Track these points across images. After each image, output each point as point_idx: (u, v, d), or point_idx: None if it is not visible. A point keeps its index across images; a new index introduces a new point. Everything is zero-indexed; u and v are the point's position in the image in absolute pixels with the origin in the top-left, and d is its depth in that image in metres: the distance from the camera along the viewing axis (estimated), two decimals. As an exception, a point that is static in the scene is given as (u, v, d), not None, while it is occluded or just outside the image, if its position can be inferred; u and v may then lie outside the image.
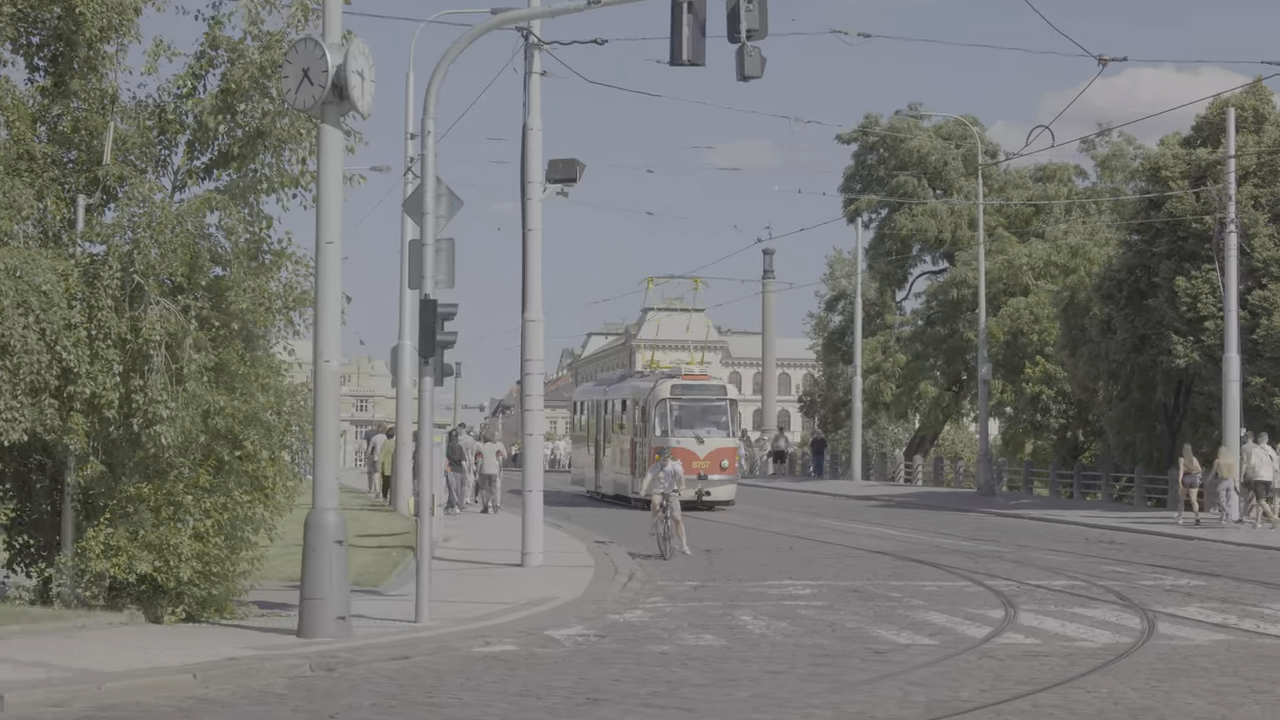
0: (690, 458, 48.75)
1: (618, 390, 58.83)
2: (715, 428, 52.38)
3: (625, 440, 55.20)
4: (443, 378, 23.27)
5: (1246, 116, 53.00)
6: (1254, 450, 45.27)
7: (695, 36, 22.97)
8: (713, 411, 52.79)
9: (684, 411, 52.13)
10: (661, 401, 51.98)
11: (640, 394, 53.91)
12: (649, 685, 17.30)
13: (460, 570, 29.24)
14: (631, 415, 54.55)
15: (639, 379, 57.27)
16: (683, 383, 53.37)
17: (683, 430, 51.42)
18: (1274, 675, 18.07)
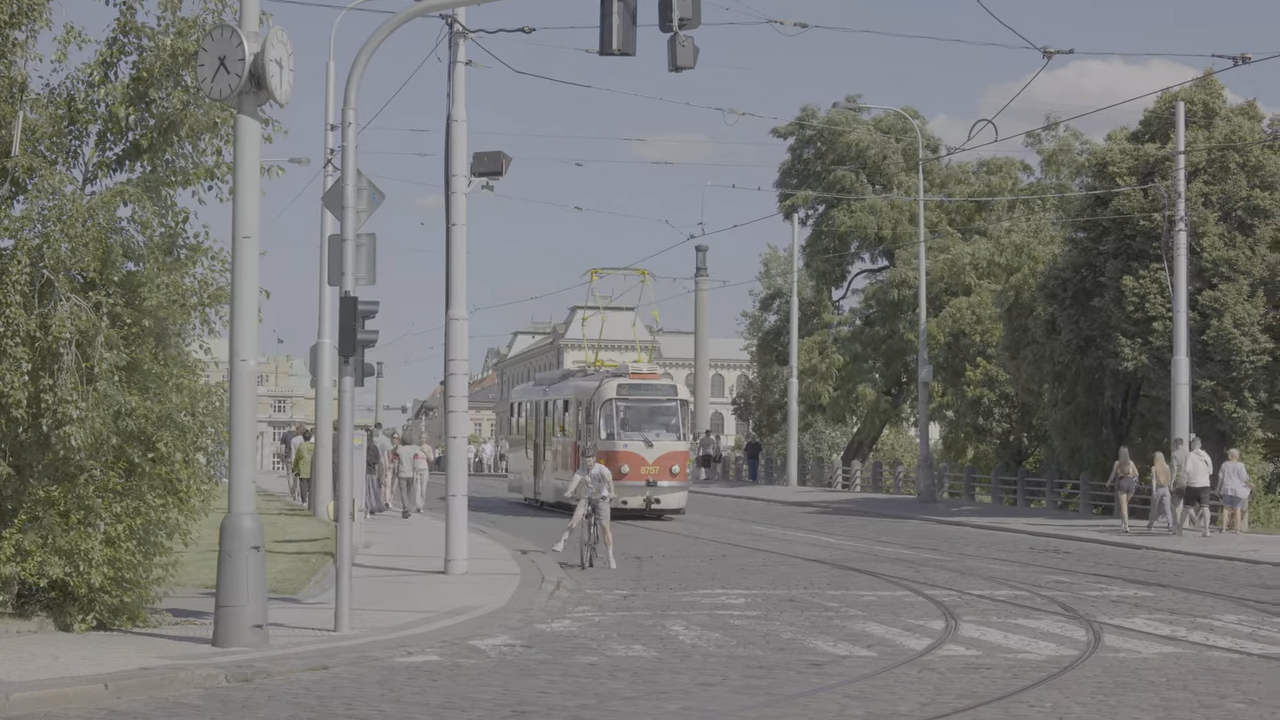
0: (638, 462, 47.98)
1: (559, 390, 55.27)
2: (665, 430, 49.69)
3: (568, 444, 51.90)
4: (364, 377, 22.73)
5: (1196, 111, 52.79)
6: (1189, 457, 44.95)
7: (626, 25, 22.50)
8: (662, 413, 49.98)
9: (631, 413, 49.40)
10: (607, 402, 49.09)
11: (584, 394, 50.84)
12: (577, 698, 16.87)
13: (382, 577, 28.75)
14: (575, 416, 51.42)
15: (582, 378, 54.07)
16: (630, 381, 50.09)
17: (630, 433, 49.02)
18: (1223, 689, 17.67)
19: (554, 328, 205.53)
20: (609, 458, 45.03)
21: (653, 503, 48.30)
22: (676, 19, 22.42)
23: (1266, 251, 50.87)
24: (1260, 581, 31.26)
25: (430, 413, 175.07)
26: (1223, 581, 31.22)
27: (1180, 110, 48.65)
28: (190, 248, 21.43)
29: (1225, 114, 54.09)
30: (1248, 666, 19.45)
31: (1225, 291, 50.25)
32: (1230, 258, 50.72)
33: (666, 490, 49.02)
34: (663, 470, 48.86)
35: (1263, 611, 25.57)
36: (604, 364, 55.77)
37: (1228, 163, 51.76)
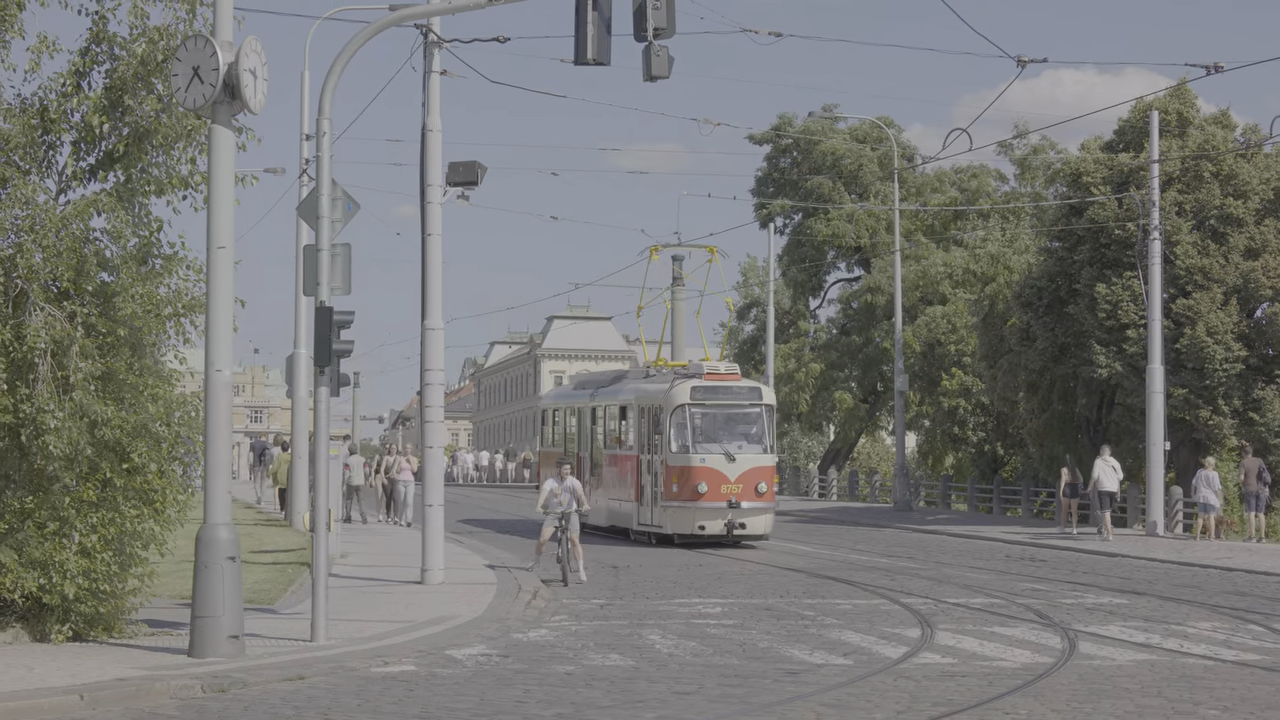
0: (718, 480, 41.01)
1: (613, 394, 47.12)
2: (748, 440, 42.13)
3: (627, 457, 44.64)
4: (340, 388, 22.61)
5: (1170, 120, 52.95)
6: (1096, 463, 46.31)
7: (601, 35, 22.50)
8: (745, 420, 42.49)
9: (708, 421, 42.10)
10: (679, 408, 41.77)
11: (649, 398, 43.38)
12: (553, 707, 16.83)
13: (358, 588, 28.69)
14: (637, 426, 43.94)
15: (643, 379, 46.25)
16: (706, 384, 42.48)
17: (708, 444, 41.66)
18: (1197, 696, 17.68)
19: (531, 337, 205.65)
20: (682, 475, 41.21)
21: (735, 527, 41.18)
22: (651, 29, 22.42)
23: (1240, 260, 51.01)
24: (1234, 588, 31.32)
25: (407, 423, 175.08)
26: (1197, 589, 31.27)
27: (1154, 119, 48.79)
28: (165, 258, 21.38)
29: (1199, 123, 54.26)
30: (1222, 673, 19.47)
31: (1199, 300, 50.37)
32: (1204, 266, 50.85)
33: (751, 512, 41.59)
34: (747, 489, 41.33)
35: (1236, 618, 25.62)
36: (666, 363, 49.04)
37: (1201, 172, 51.91)
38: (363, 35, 22.80)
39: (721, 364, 44.81)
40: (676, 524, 41.45)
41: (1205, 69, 35.90)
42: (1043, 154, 76.75)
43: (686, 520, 41.28)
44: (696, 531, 41.04)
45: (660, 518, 41.94)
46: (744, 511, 41.29)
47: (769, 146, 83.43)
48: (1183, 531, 48.07)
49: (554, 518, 31.10)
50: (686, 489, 41.03)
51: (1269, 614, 26.28)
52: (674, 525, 41.49)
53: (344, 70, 22.34)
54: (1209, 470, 44.78)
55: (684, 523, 41.34)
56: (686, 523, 41.29)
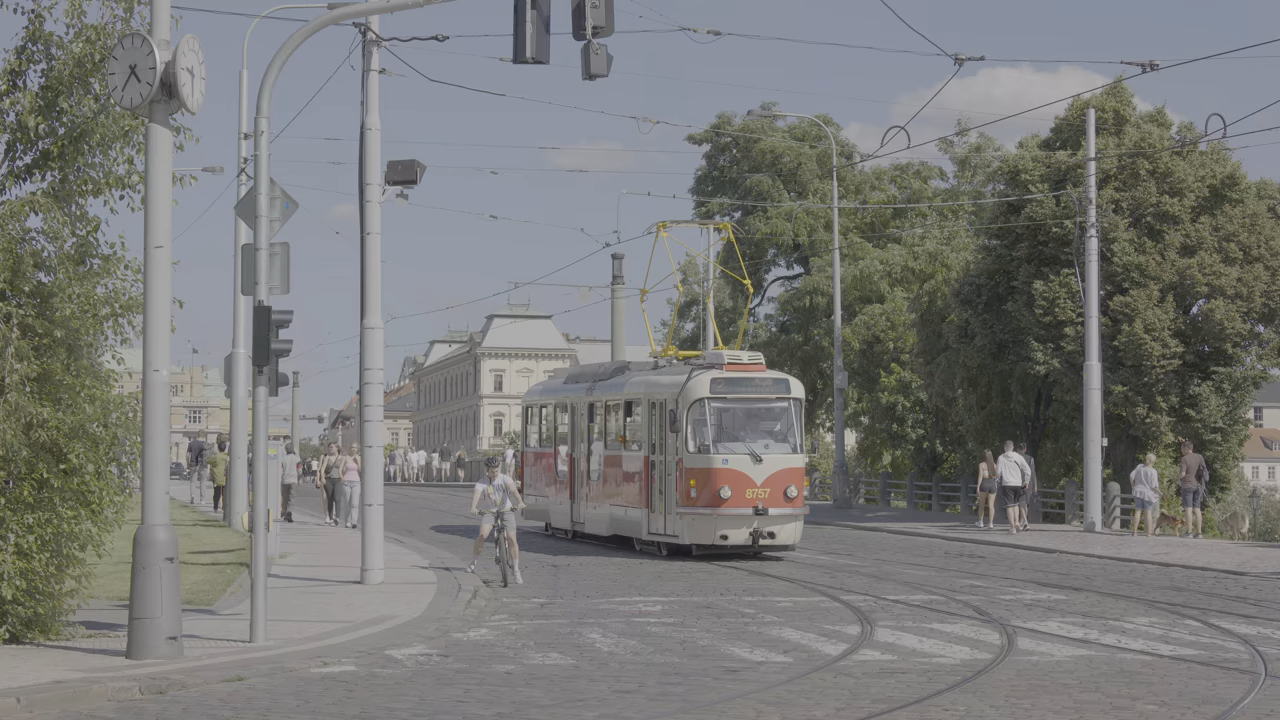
0: (743, 484, 36.33)
1: (616, 388, 41.91)
2: (775, 439, 37.52)
3: (634, 458, 39.73)
4: (278, 387, 22.53)
5: (1107, 118, 53.22)
6: (1001, 459, 47.54)
7: (539, 33, 22.47)
8: (772, 416, 37.87)
9: (731, 417, 37.44)
10: (698, 403, 36.92)
11: (662, 392, 38.45)
12: (494, 706, 16.79)
13: (298, 588, 28.59)
14: (647, 423, 38.98)
15: (652, 371, 41.49)
16: (728, 375, 37.59)
17: (730, 443, 36.92)
18: (1135, 691, 17.78)
19: (471, 336, 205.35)
20: (702, 477, 36.58)
21: (762, 536, 36.60)
22: (590, 27, 22.41)
23: (1176, 257, 51.30)
24: (1171, 584, 31.51)
25: (346, 422, 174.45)
26: (1135, 584, 31.45)
27: (1091, 117, 49.02)
28: (103, 258, 21.26)
29: (1135, 121, 54.57)
30: (1159, 668, 19.58)
31: (1136, 297, 50.66)
32: (1140, 263, 51.14)
33: (779, 519, 36.78)
34: (775, 493, 36.62)
35: (1174, 614, 25.77)
36: (676, 352, 44.17)
37: (1138, 169, 52.21)
38: (301, 34, 22.71)
39: (744, 353, 39.34)
40: (695, 533, 36.73)
41: (1141, 67, 36.08)
42: (981, 152, 77.08)
43: (706, 529, 36.54)
44: (718, 542, 36.52)
45: (675, 526, 37.12)
46: (772, 519, 36.50)
47: (708, 145, 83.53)
48: (1120, 528, 48.35)
49: (490, 516, 30.93)
50: (706, 494, 36.32)
51: (1206, 609, 26.44)
52: (692, 534, 36.78)
53: (282, 69, 22.27)
54: (1147, 466, 45.04)
55: (703, 532, 36.61)
56: (706, 532, 36.56)
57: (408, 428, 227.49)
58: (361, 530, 30.16)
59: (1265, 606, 27.07)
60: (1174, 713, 16.49)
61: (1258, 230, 51.96)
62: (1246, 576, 33.09)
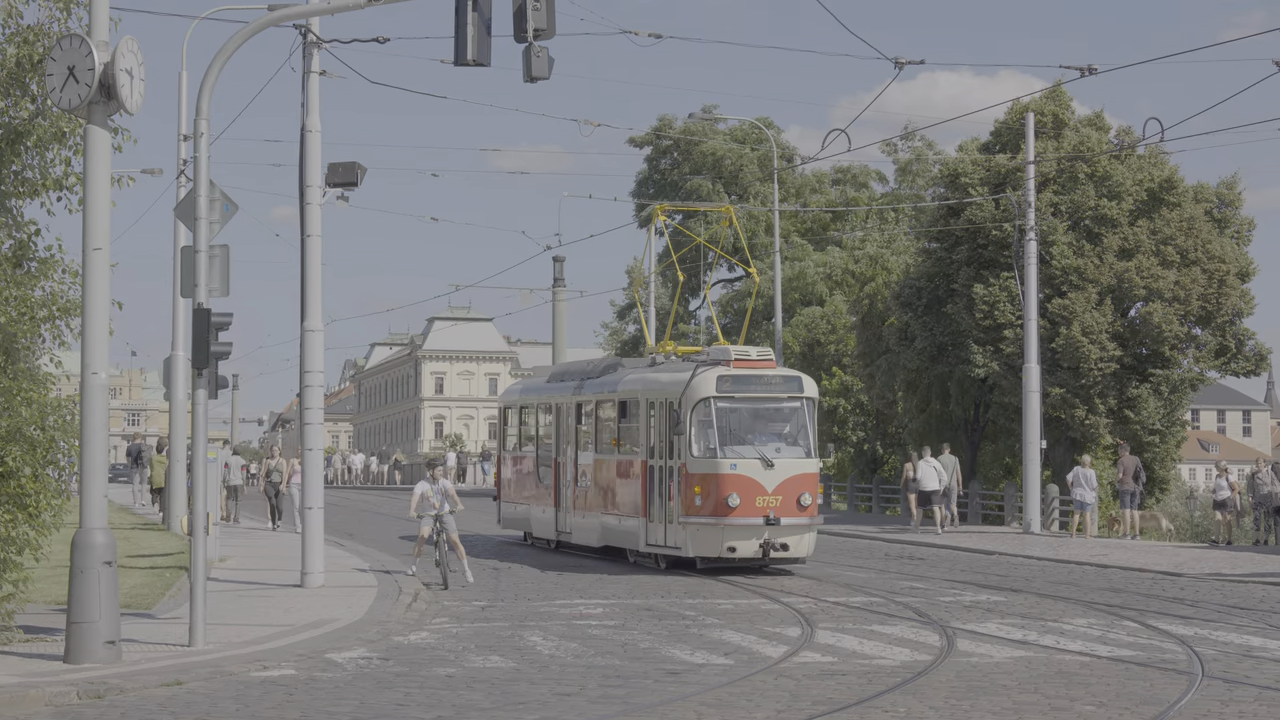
0: (753, 490, 33.18)
1: (609, 386, 38.29)
2: (787, 442, 34.23)
3: (630, 462, 36.34)
4: (218, 390, 22.45)
5: (1046, 122, 53.51)
6: (919, 464, 48.09)
7: (480, 36, 22.41)
8: (783, 417, 34.60)
9: (739, 418, 34.06)
10: (703, 402, 33.57)
11: (662, 391, 35.05)
12: (434, 710, 16.76)
13: (237, 591, 28.48)
14: (645, 424, 35.62)
15: (649, 369, 37.59)
16: (735, 372, 34.21)
17: (739, 447, 33.66)
18: (1073, 692, 17.86)
19: (412, 339, 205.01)
20: (707, 484, 33.37)
21: (773, 548, 33.41)
22: (531, 30, 22.38)
23: (1114, 260, 51.61)
24: (1109, 585, 31.66)
25: (286, 425, 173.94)
26: (1073, 586, 31.59)
27: (1030, 121, 49.26)
28: (41, 260, 21.17)
29: (1074, 125, 54.91)
30: (1097, 669, 19.67)
31: (1074, 300, 50.93)
32: (1079, 266, 51.42)
33: (792, 530, 33.59)
34: (787, 501, 33.34)
35: (1112, 615, 25.89)
36: (675, 348, 39.60)
37: (1076, 173, 52.53)
38: (241, 35, 22.63)
39: (752, 348, 36.04)
40: (700, 544, 33.54)
41: (1079, 71, 36.20)
42: (921, 159, 77.38)
43: (712, 540, 33.38)
44: (725, 554, 33.48)
45: (677, 537, 33.88)
46: (784, 529, 33.30)
47: (649, 148, 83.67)
48: (1059, 529, 48.61)
49: (430, 519, 30.83)
50: (713, 501, 33.08)
51: (1143, 610, 26.58)
52: (696, 546, 33.59)
53: (222, 70, 22.17)
54: (1084, 468, 45.27)
55: (709, 543, 33.45)
56: (712, 543, 33.41)
57: (348, 430, 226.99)
58: (302, 533, 30.05)
59: (1202, 607, 27.23)
60: (1112, 713, 16.56)
61: (1195, 234, 52.29)
62: (1184, 578, 33.28)
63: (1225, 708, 16.88)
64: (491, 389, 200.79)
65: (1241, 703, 17.22)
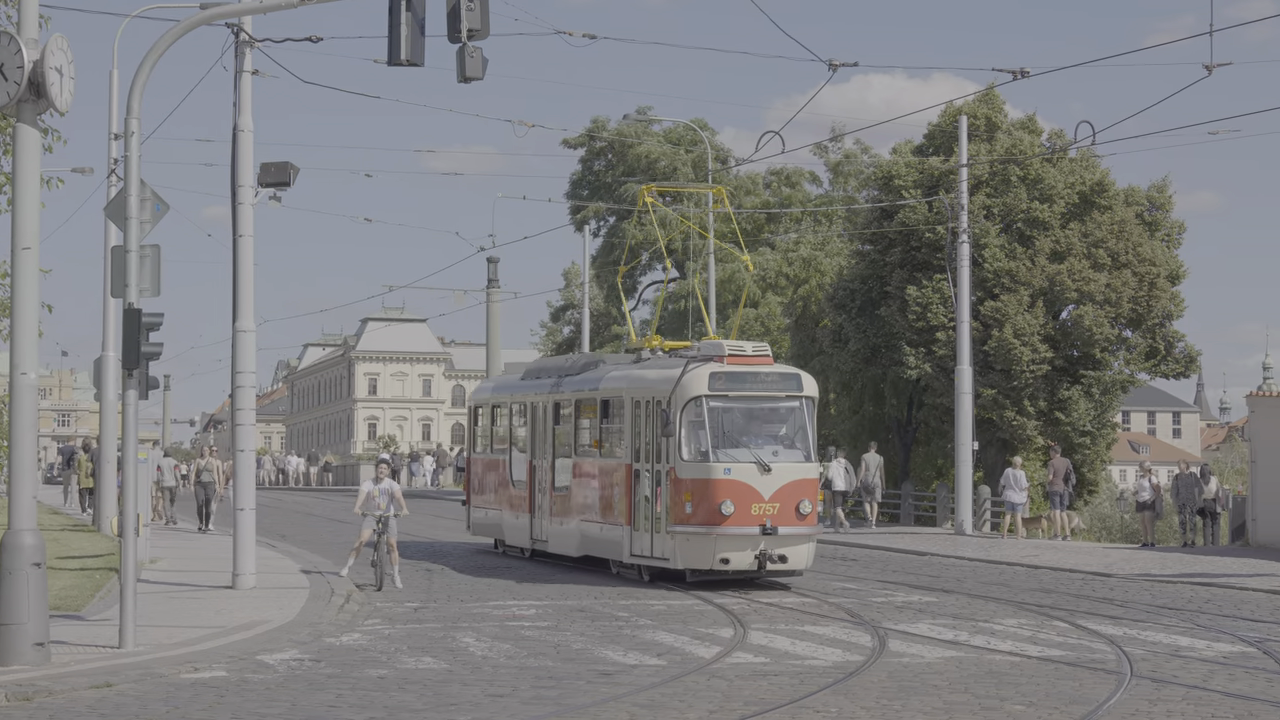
0: (749, 497, 30.50)
1: (590, 384, 35.35)
2: (785, 445, 31.67)
3: (613, 466, 33.39)
4: (148, 390, 22.32)
5: (979, 125, 53.75)
6: (830, 465, 48.45)
7: (414, 35, 22.38)
8: (780, 417, 32.00)
9: (733, 418, 31.46)
10: (694, 401, 30.91)
11: (649, 389, 32.27)
12: (366, 711, 16.72)
13: (168, 593, 28.34)
14: (630, 425, 32.71)
15: (633, 365, 34.90)
16: (729, 369, 31.44)
17: (733, 450, 30.96)
18: (1003, 692, 17.94)
19: (345, 340, 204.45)
20: (699, 490, 30.64)
21: (770, 560, 30.62)
22: (465, 30, 22.36)
23: (1046, 263, 51.91)
24: (1040, 585, 31.81)
25: (218, 426, 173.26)
26: (1004, 586, 31.73)
27: (963, 124, 49.44)
28: (-31, 261, 21.07)
29: (1006, 128, 55.19)
30: (1027, 669, 19.77)
31: (1006, 302, 51.20)
32: (1011, 269, 51.70)
33: (791, 540, 30.86)
34: (785, 509, 30.71)
35: (1042, 615, 26.03)
36: (661, 343, 36.18)
37: (1009, 176, 52.80)
38: (172, 34, 22.53)
39: (747, 343, 32.87)
40: (689, 556, 30.77)
41: (1012, 74, 36.34)
42: (854, 159, 77.59)
43: (704, 551, 30.62)
44: (717, 566, 30.70)
45: (665, 547, 31.15)
46: (782, 539, 30.63)
47: (583, 150, 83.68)
48: (990, 530, 48.83)
49: (372, 519, 30.69)
50: (705, 509, 30.39)
51: (1073, 610, 26.73)
52: (686, 557, 30.81)
53: (153, 69, 22.07)
54: (1015, 469, 45.50)
55: (700, 554, 30.68)
56: (703, 554, 30.65)
57: (280, 432, 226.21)
58: (233, 535, 29.93)
59: (1131, 608, 27.40)
60: (1041, 713, 16.65)
61: (1126, 237, 52.64)
62: (1113, 578, 33.47)
63: (1153, 707, 16.99)
64: (425, 390, 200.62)
65: (1169, 702, 17.34)
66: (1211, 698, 17.64)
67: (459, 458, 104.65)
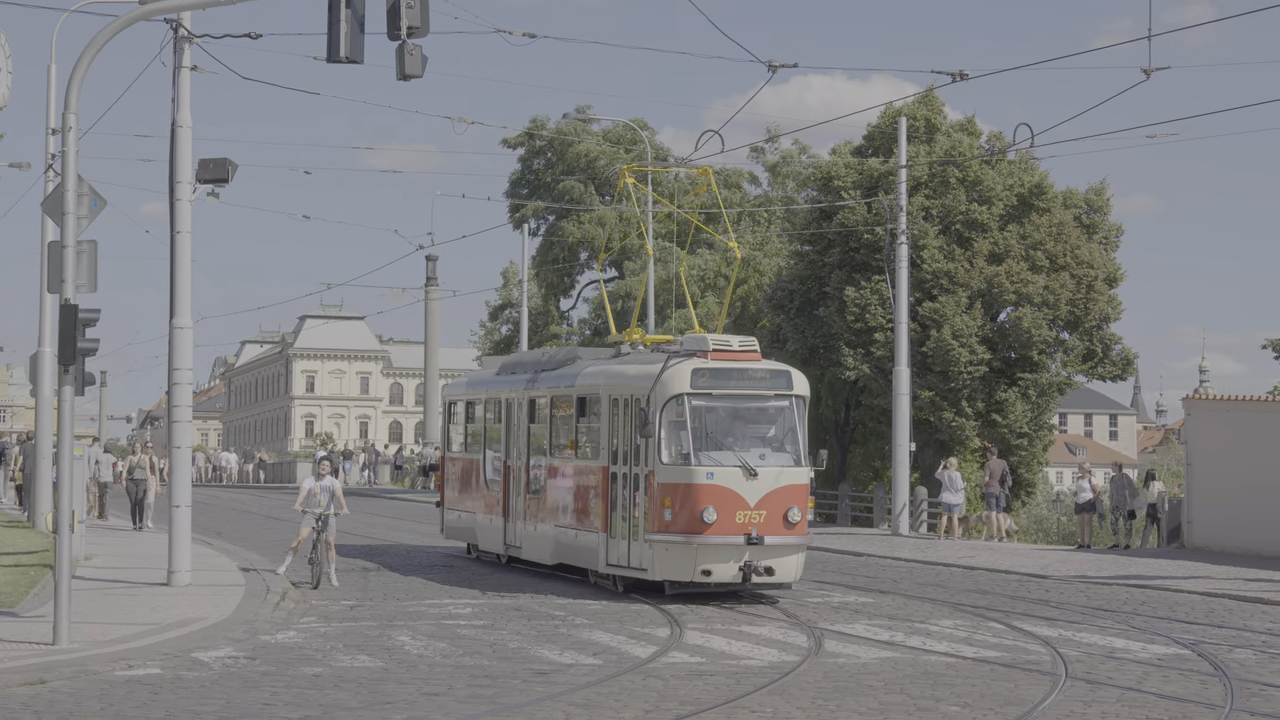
0: (733, 504, 28.17)
1: (566, 379, 32.97)
2: (772, 448, 29.22)
3: (589, 468, 31.09)
4: (85, 386, 22.24)
5: (918, 126, 53.91)
6: None
7: (354, 32, 22.34)
8: (769, 417, 29.63)
9: (718, 418, 29.12)
10: (676, 399, 28.60)
11: (628, 386, 29.88)
12: (301, 709, 16.69)
13: (103, 589, 28.18)
14: (607, 424, 30.42)
15: (612, 360, 32.36)
16: (713, 365, 29.05)
17: (717, 453, 28.59)
18: (938, 693, 18.02)
19: (283, 337, 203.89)
20: (679, 495, 28.32)
21: (755, 572, 28.15)
22: (405, 27, 22.34)
23: (984, 265, 52.11)
24: (976, 587, 31.94)
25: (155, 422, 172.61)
26: (940, 587, 31.84)
27: (902, 125, 49.57)
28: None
29: (946, 129, 55.38)
30: (963, 670, 19.85)
31: (945, 304, 51.37)
32: (949, 270, 51.87)
33: (778, 550, 28.46)
34: (773, 516, 28.32)
35: (978, 616, 26.13)
36: (644, 337, 33.71)
37: (948, 177, 52.97)
38: (111, 29, 22.43)
39: (733, 337, 30.38)
40: (668, 566, 28.43)
41: (951, 76, 36.45)
42: (793, 160, 77.72)
43: (683, 561, 28.28)
44: (698, 578, 28.34)
45: (643, 556, 28.85)
46: (768, 549, 28.26)
47: (523, 149, 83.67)
48: (927, 531, 48.99)
49: (311, 517, 30.58)
50: (685, 516, 28.11)
51: (1009, 612, 26.83)
52: (664, 568, 28.47)
53: (91, 64, 21.98)
54: (952, 471, 45.65)
55: (679, 565, 28.34)
56: (683, 565, 28.31)
57: (218, 429, 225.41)
58: (169, 532, 29.80)
59: (1066, 609, 27.52)
60: (977, 714, 16.72)
61: (1064, 239, 52.90)
62: (1049, 580, 33.62)
63: (1088, 708, 17.09)
64: (363, 388, 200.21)
65: (1104, 703, 17.43)
66: (1146, 699, 17.75)
67: (397, 456, 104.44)
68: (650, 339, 33.27)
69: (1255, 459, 40.40)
